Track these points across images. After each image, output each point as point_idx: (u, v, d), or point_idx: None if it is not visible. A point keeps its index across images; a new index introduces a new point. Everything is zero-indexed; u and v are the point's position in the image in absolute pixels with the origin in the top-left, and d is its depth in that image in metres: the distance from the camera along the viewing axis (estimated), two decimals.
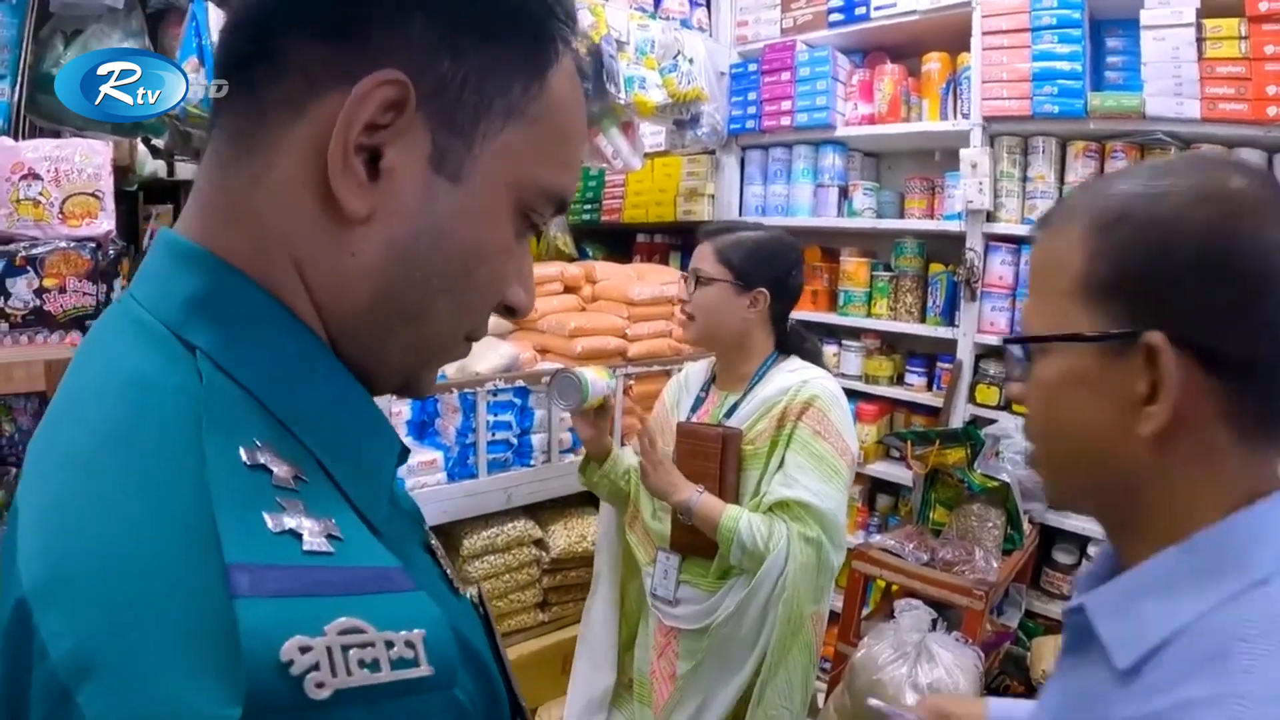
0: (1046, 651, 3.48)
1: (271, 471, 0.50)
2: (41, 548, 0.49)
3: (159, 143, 4.01)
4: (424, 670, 0.45)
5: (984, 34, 3.78)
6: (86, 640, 0.43)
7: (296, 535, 0.47)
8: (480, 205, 0.65)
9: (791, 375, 2.25)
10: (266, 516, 0.47)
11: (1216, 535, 0.77)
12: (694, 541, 2.18)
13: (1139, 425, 0.79)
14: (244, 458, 0.50)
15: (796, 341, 2.38)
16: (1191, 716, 0.69)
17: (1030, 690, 3.52)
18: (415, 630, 0.46)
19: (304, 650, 0.41)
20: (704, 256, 2.27)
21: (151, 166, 4.96)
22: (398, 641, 0.45)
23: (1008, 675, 3.59)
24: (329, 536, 0.48)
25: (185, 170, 5.43)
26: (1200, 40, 3.32)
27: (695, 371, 2.52)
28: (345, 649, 0.43)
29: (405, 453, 0.71)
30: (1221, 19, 3.28)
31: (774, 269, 2.26)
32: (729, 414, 2.26)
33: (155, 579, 0.45)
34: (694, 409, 2.41)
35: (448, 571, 0.69)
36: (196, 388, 0.53)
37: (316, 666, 0.41)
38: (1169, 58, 3.37)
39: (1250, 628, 0.70)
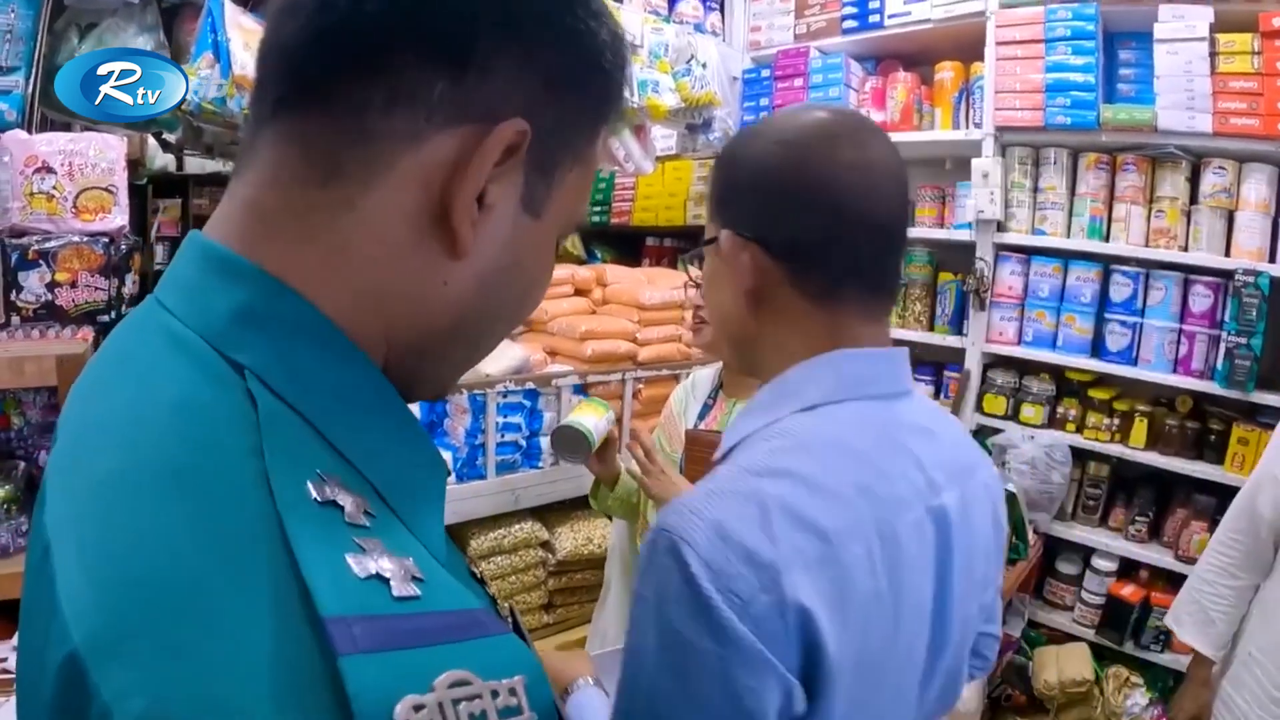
0: (1049, 661, 3.49)
1: (343, 508, 0.48)
2: (95, 594, 0.44)
3: (170, 137, 4.02)
4: (527, 717, 0.45)
5: (998, 44, 3.79)
6: (162, 701, 0.40)
7: (384, 580, 0.45)
8: (546, 239, 0.69)
9: None
10: (350, 560, 0.45)
11: (785, 376, 1.04)
12: None
13: (742, 299, 1.06)
14: (313, 493, 0.47)
15: None
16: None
17: (1033, 700, 3.53)
18: (516, 677, 0.45)
19: (417, 709, 0.40)
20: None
21: (161, 161, 4.98)
22: (502, 690, 0.44)
23: (1010, 685, 3.60)
24: (413, 579, 0.46)
25: (193, 164, 5.44)
26: (1213, 55, 3.33)
27: (702, 378, 2.51)
28: (455, 702, 0.42)
29: (447, 473, 0.70)
30: (1235, 34, 3.29)
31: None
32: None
33: (237, 630, 0.41)
34: (701, 416, 2.41)
35: (492, 595, 0.69)
36: (251, 414, 0.50)
37: None
38: (1181, 71, 3.38)
39: (778, 434, 0.97)
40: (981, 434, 3.80)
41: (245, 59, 2.56)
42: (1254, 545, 2.32)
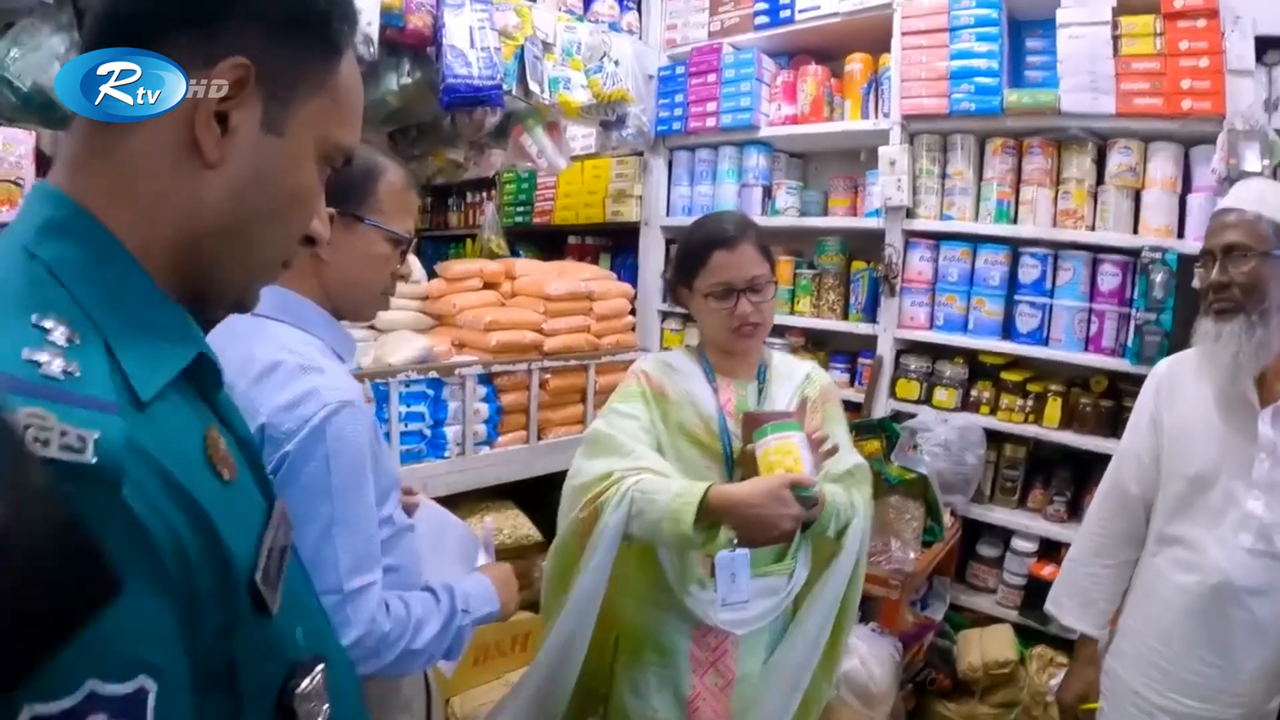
0: (973, 644, 3.51)
1: (49, 331, 0.68)
2: None
3: None
4: (86, 458, 0.61)
5: (904, 34, 3.85)
6: None
7: (37, 364, 0.65)
8: (295, 155, 0.89)
9: (797, 363, 2.35)
10: (25, 349, 0.66)
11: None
12: None
13: None
14: (33, 320, 0.69)
15: None
16: None
17: (958, 683, 3.55)
18: (90, 432, 0.62)
19: None
20: (754, 259, 2.12)
21: None
22: (72, 432, 0.61)
23: (934, 668, 3.62)
24: (65, 372, 0.66)
25: None
26: (1116, 37, 3.40)
27: (677, 360, 2.26)
28: (26, 426, 0.59)
29: (206, 364, 0.88)
30: (1137, 16, 3.36)
31: (769, 249, 2.23)
32: (760, 401, 2.19)
33: None
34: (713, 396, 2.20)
35: (215, 462, 0.81)
36: (26, 278, 0.74)
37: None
38: (1085, 55, 3.44)
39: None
40: (896, 419, 3.84)
41: None
42: (1126, 522, 2.38)
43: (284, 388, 1.42)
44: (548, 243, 5.90)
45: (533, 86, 3.65)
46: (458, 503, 3.23)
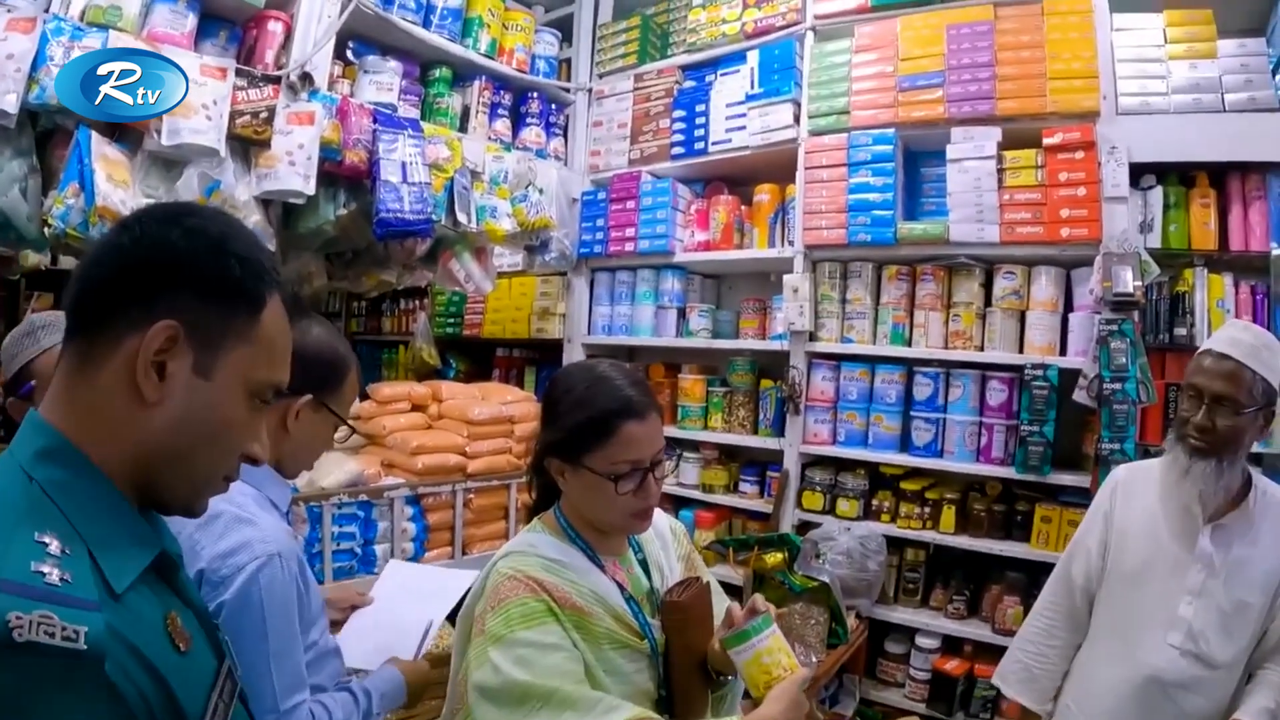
0: None
1: (48, 545, 0.90)
2: None
3: (38, 258, 4.15)
4: (80, 646, 0.84)
5: (807, 168, 4.15)
6: None
7: (44, 575, 0.86)
8: (224, 395, 1.08)
9: (656, 516, 1.96)
10: (33, 563, 0.87)
11: None
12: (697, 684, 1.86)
13: None
14: (36, 536, 0.90)
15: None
16: None
17: None
18: (81, 627, 0.85)
19: (19, 617, 0.81)
20: (660, 430, 1.84)
21: (35, 259, 5.09)
22: (69, 628, 0.84)
23: None
24: (62, 580, 0.87)
25: (68, 262, 5.59)
26: (1000, 170, 3.72)
27: (554, 550, 1.81)
28: (38, 624, 0.82)
29: (167, 558, 1.10)
30: (1020, 150, 3.68)
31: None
32: (644, 572, 1.93)
33: None
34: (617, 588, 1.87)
35: (175, 638, 1.03)
36: (27, 499, 0.95)
37: (22, 626, 0.81)
38: (972, 187, 3.76)
39: None
40: (802, 529, 4.05)
41: (107, 190, 2.76)
42: (1070, 608, 2.56)
43: (222, 537, 1.66)
44: (477, 353, 6.08)
45: (460, 217, 3.88)
46: None
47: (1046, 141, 3.60)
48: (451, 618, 3.42)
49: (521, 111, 4.63)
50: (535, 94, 4.68)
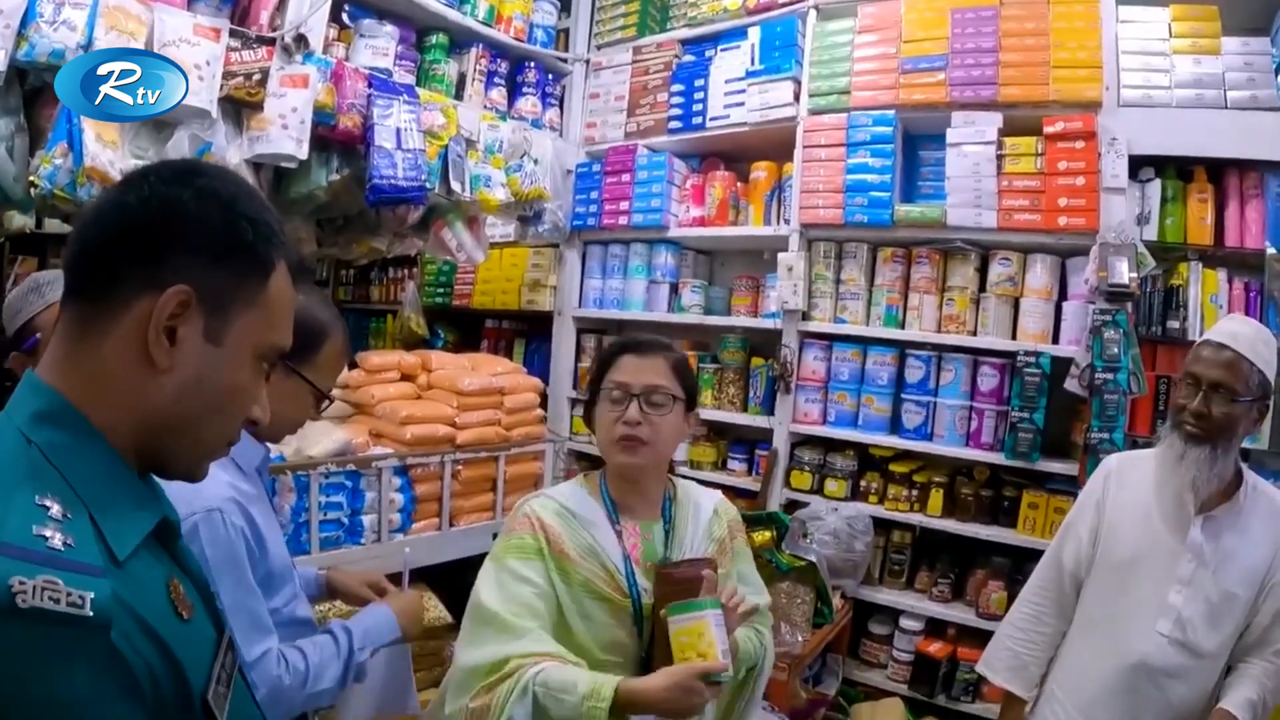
0: (865, 717, 3.70)
1: (49, 508, 0.87)
2: None
3: (23, 219, 4.08)
4: (86, 612, 0.81)
5: (805, 147, 4.14)
6: None
7: (46, 539, 0.84)
8: (233, 361, 1.06)
9: (697, 493, 2.19)
10: (34, 527, 0.84)
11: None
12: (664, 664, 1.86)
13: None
14: (36, 499, 0.87)
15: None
16: None
17: None
18: (87, 593, 0.82)
19: (22, 582, 0.79)
20: (661, 372, 2.01)
21: (20, 221, 5.02)
22: (75, 593, 0.81)
23: None
24: (65, 545, 0.84)
25: (53, 225, 5.52)
26: (1000, 156, 3.71)
27: (575, 501, 2.05)
28: (42, 589, 0.79)
29: (168, 525, 1.08)
30: (1020, 137, 3.68)
31: (693, 386, 2.12)
32: (665, 544, 2.04)
33: None
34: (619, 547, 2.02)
35: (178, 605, 1.00)
36: (26, 462, 0.92)
37: (25, 592, 0.79)
38: (970, 172, 3.75)
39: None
40: (790, 508, 4.06)
41: (96, 150, 2.72)
42: (1059, 595, 2.58)
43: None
44: (466, 324, 6.05)
45: (454, 185, 3.86)
46: None
47: (1047, 130, 3.60)
48: (441, 589, 3.47)
49: (518, 81, 4.59)
50: (532, 63, 4.63)
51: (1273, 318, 3.24)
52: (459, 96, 4.22)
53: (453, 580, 3.60)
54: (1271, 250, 3.32)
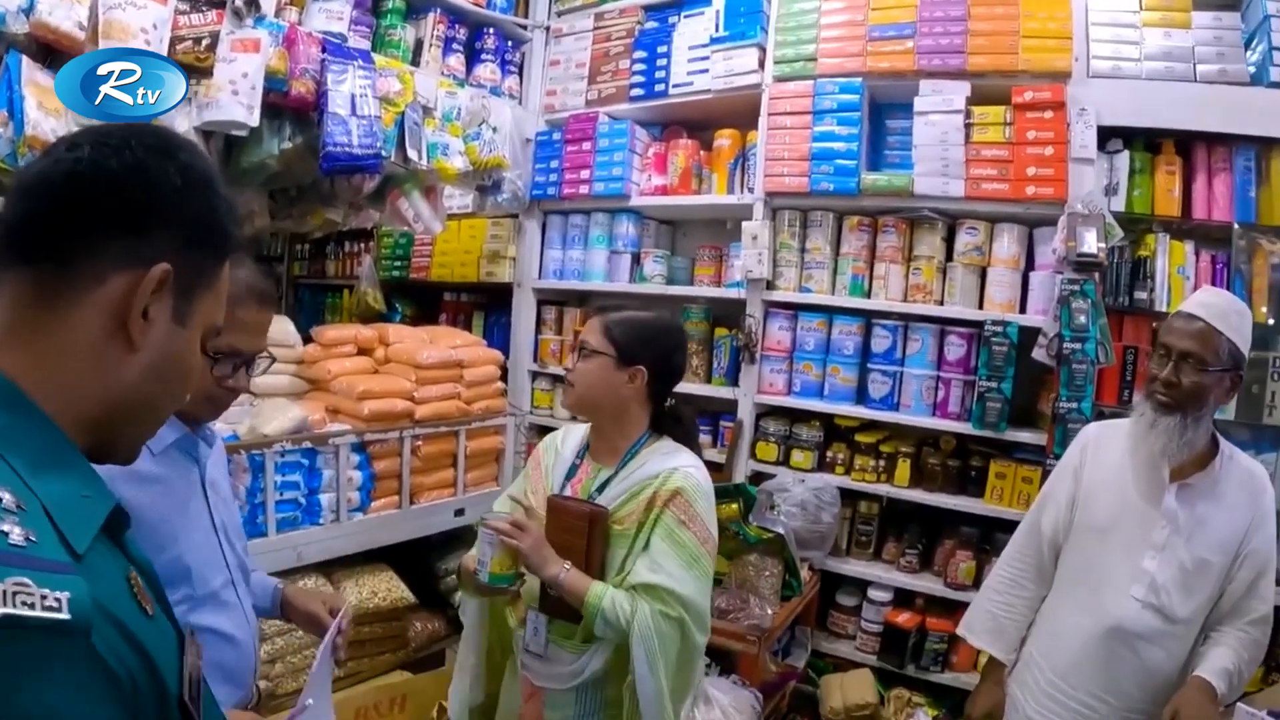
0: (834, 688, 3.70)
1: (1, 499, 0.77)
2: None
3: None
4: (64, 615, 0.73)
5: (770, 114, 4.08)
6: None
7: (5, 534, 0.74)
8: (192, 340, 1.04)
9: (664, 460, 2.28)
10: None
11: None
12: (561, 605, 2.20)
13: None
14: None
15: (671, 423, 2.40)
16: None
17: None
18: (62, 593, 0.74)
19: None
20: (592, 329, 2.33)
21: None
22: (50, 595, 0.73)
23: (797, 712, 3.79)
24: (26, 539, 0.76)
25: None
26: (968, 125, 3.68)
27: (573, 436, 2.51)
28: (13, 594, 0.70)
29: (120, 513, 0.98)
30: (989, 106, 3.64)
31: (656, 349, 2.30)
32: (600, 488, 2.29)
33: None
34: (568, 476, 2.41)
35: (141, 601, 0.92)
36: None
37: None
38: (938, 141, 3.72)
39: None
40: (755, 480, 4.02)
41: (38, 118, 2.59)
42: (1037, 559, 2.62)
43: None
44: (424, 297, 5.95)
45: (411, 153, 3.74)
46: (333, 567, 3.29)
47: (1016, 99, 3.58)
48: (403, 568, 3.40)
49: (476, 47, 4.47)
50: (491, 29, 4.51)
51: (1240, 290, 3.23)
52: (416, 63, 4.10)
53: (414, 559, 3.55)
54: (1238, 227, 3.32)
